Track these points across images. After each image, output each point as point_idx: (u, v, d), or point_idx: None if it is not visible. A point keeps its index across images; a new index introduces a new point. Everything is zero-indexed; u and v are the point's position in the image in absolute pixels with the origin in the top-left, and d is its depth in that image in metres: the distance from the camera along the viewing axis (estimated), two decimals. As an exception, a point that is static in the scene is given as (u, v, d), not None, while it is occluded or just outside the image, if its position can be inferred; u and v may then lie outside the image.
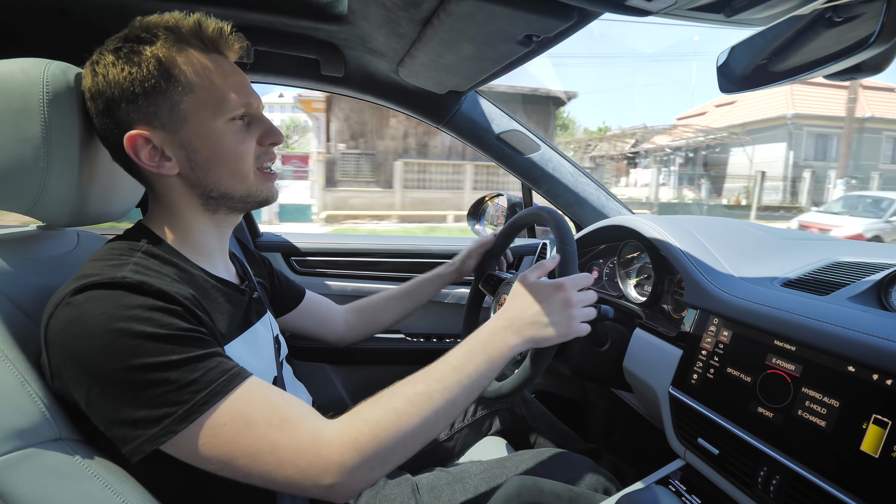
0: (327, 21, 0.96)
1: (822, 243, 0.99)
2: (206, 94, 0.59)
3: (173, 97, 0.58)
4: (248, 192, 0.65)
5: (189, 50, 0.59)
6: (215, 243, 0.69)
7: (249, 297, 0.73)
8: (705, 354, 0.78)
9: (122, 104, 0.58)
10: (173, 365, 0.49)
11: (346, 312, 1.08)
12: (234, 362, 0.54)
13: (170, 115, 0.59)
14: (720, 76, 0.69)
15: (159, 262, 0.59)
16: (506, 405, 1.11)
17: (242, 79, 0.64)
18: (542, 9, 0.69)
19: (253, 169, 0.65)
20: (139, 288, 0.52)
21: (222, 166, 0.62)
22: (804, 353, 0.64)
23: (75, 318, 0.49)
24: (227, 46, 0.63)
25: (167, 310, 0.52)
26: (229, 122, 0.61)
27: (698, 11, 0.61)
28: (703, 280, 0.84)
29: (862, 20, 0.51)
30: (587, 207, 1.41)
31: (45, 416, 0.51)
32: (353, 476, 0.52)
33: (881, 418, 0.53)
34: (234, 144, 0.62)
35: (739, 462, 0.68)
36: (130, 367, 0.48)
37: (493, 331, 0.68)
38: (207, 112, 0.60)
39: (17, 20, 0.93)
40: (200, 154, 0.61)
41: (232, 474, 0.51)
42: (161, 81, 0.57)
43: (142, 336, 0.49)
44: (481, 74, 1.02)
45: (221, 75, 0.61)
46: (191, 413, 0.49)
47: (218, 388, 0.51)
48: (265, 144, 0.66)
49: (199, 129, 0.60)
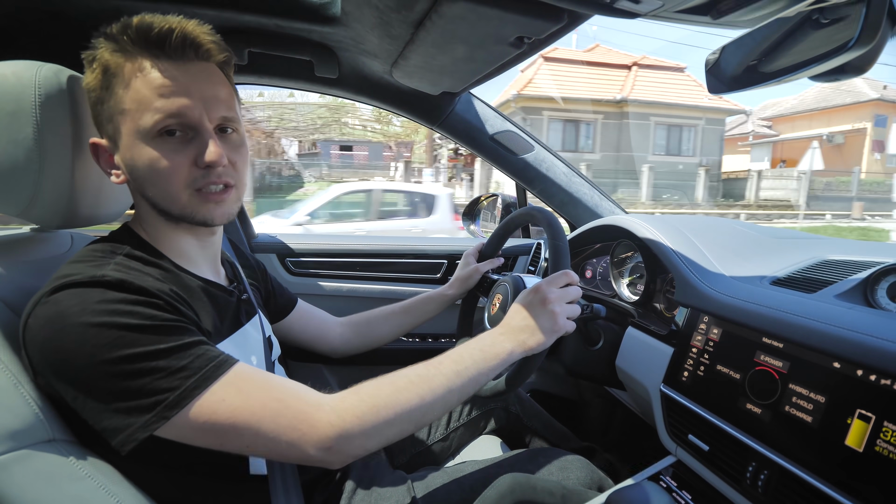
0: (321, 23, 0.96)
1: (810, 242, 1.00)
2: (134, 108, 0.56)
3: (111, 109, 0.57)
4: (182, 213, 0.60)
5: (132, 57, 0.55)
6: (196, 250, 0.67)
7: (238, 298, 0.72)
8: (696, 352, 0.79)
9: (91, 110, 0.60)
10: (160, 353, 0.50)
11: (342, 326, 1.05)
12: (220, 350, 0.55)
13: (110, 127, 0.58)
14: (710, 77, 0.70)
15: (141, 264, 0.58)
16: (501, 404, 1.12)
17: (192, 87, 0.57)
18: (533, 11, 0.70)
19: (185, 190, 0.59)
20: (120, 285, 0.51)
21: (152, 184, 0.59)
22: (791, 349, 0.65)
23: (54, 316, 0.49)
24: (176, 49, 0.56)
25: (149, 303, 0.52)
26: (157, 136, 0.56)
27: (685, 14, 0.62)
28: (694, 279, 0.85)
29: (846, 22, 0.52)
30: (581, 207, 1.42)
31: (38, 418, 0.51)
32: (350, 442, 0.54)
33: (865, 413, 0.54)
34: (157, 162, 0.57)
35: (729, 458, 0.69)
36: (116, 358, 0.48)
37: (492, 336, 0.71)
38: (134, 126, 0.56)
39: (11, 23, 0.93)
40: (135, 168, 0.58)
41: (234, 448, 0.53)
42: (103, 92, 0.57)
43: (125, 327, 0.49)
44: (474, 76, 1.03)
45: (150, 85, 0.55)
46: (182, 398, 0.49)
47: (208, 372, 0.51)
48: (201, 166, 0.59)
49: (129, 143, 0.57)
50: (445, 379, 0.62)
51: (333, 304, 1.40)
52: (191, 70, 0.58)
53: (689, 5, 0.60)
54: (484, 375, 0.67)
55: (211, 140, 0.59)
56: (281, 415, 0.53)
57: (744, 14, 0.61)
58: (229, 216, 0.64)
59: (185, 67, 0.57)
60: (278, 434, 0.52)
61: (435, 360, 0.65)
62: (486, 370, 0.67)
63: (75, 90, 0.63)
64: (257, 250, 1.43)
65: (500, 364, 0.68)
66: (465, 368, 0.65)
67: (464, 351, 0.68)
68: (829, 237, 1.06)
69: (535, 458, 0.88)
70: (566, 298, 0.74)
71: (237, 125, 0.63)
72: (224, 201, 0.62)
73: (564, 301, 0.73)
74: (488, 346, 0.69)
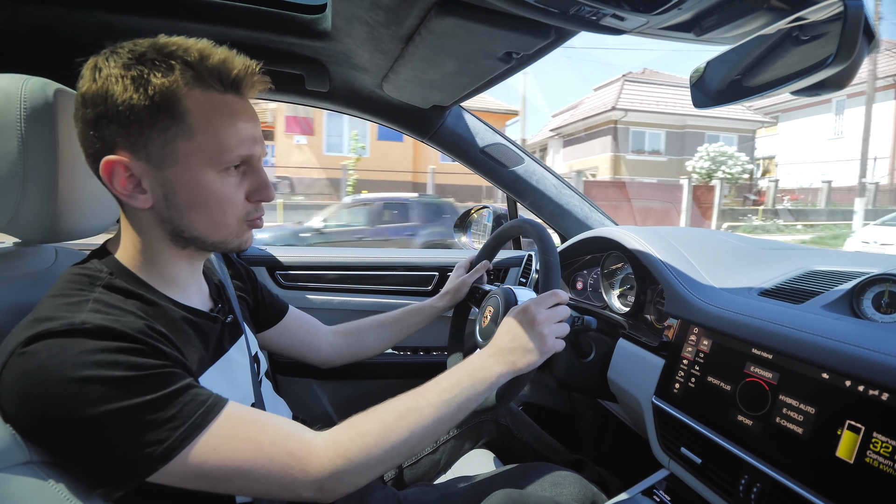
0: (311, 38, 0.97)
1: (796, 253, 1.01)
2: (207, 141, 0.56)
3: (169, 135, 0.54)
4: (224, 239, 0.61)
5: (205, 90, 0.55)
6: (185, 274, 0.65)
7: (222, 322, 0.70)
8: (686, 364, 0.79)
9: (113, 124, 0.53)
10: (147, 406, 0.48)
11: (332, 335, 1.04)
12: (209, 392, 0.53)
13: (160, 152, 0.55)
14: (695, 91, 0.71)
15: (122, 297, 0.55)
16: (491, 417, 1.11)
17: (253, 126, 0.60)
18: (521, 28, 0.71)
19: (237, 221, 0.61)
20: (100, 333, 0.49)
21: (202, 214, 0.58)
22: (781, 361, 0.65)
23: (33, 370, 0.46)
24: (248, 87, 0.59)
25: (132, 349, 0.49)
26: (224, 170, 0.58)
27: (670, 31, 0.63)
28: (683, 290, 0.86)
29: (825, 40, 0.54)
30: (571, 219, 1.43)
31: (15, 439, 0.50)
32: (342, 481, 0.55)
33: (855, 424, 0.54)
34: (220, 196, 0.58)
35: (721, 471, 0.68)
36: (103, 413, 0.46)
37: (482, 359, 0.71)
38: (203, 158, 0.56)
39: (1, 37, 0.92)
40: (181, 197, 0.57)
41: (224, 491, 0.52)
42: (160, 116, 0.54)
43: (110, 382, 0.47)
44: (464, 90, 1.04)
45: (230, 123, 0.57)
46: (172, 450, 0.48)
47: (197, 420, 0.50)
48: (253, 200, 0.62)
49: (188, 174, 0.56)
50: (435, 409, 0.62)
51: (323, 318, 1.38)
52: (249, 109, 0.60)
53: (673, 23, 0.61)
54: (473, 401, 0.67)
55: (267, 178, 0.62)
56: (272, 460, 0.53)
57: (726, 31, 0.62)
58: (251, 241, 0.67)
59: (247, 105, 0.60)
60: (270, 479, 0.52)
61: (424, 389, 0.65)
62: (476, 395, 0.67)
63: (62, 104, 0.62)
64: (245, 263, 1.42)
65: (489, 388, 0.68)
66: (455, 396, 0.65)
67: (453, 378, 0.67)
68: (814, 247, 1.08)
69: (528, 473, 0.88)
70: (555, 318, 0.74)
71: None
72: (257, 227, 0.66)
73: (553, 321, 0.74)
74: (478, 370, 0.69)
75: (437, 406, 0.63)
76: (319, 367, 1.04)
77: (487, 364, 0.70)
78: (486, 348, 0.74)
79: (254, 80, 0.59)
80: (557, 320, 0.74)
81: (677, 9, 0.56)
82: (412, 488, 0.88)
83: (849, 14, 0.46)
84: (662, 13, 0.57)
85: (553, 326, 0.73)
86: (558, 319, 0.74)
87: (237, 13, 0.93)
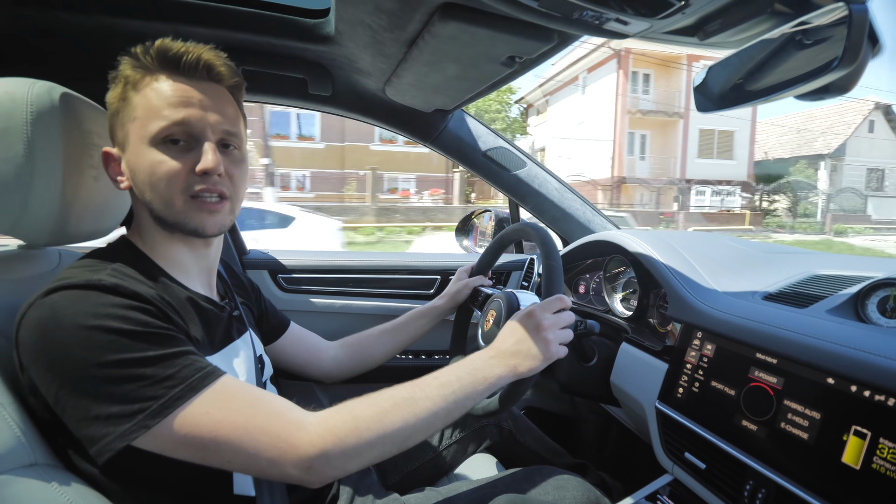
0: (314, 42, 0.97)
1: (800, 257, 1.01)
2: (144, 115, 0.60)
3: (124, 119, 0.61)
4: (176, 219, 0.62)
5: (156, 74, 0.60)
6: (190, 262, 0.68)
7: (229, 314, 0.73)
8: (690, 368, 0.79)
9: (110, 118, 0.63)
10: (148, 361, 0.50)
11: (334, 349, 1.04)
12: (207, 361, 0.55)
13: (121, 136, 0.62)
14: (698, 95, 0.71)
15: (136, 272, 0.60)
16: (493, 421, 1.11)
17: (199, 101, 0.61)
18: (524, 32, 0.71)
19: (181, 195, 0.61)
20: (114, 290, 0.52)
21: (153, 190, 0.61)
22: (785, 365, 0.65)
23: (48, 317, 0.50)
24: (195, 70, 0.61)
25: (142, 308, 0.53)
26: (161, 143, 0.60)
27: (673, 35, 0.63)
28: (687, 294, 0.86)
29: (829, 43, 0.54)
30: (573, 223, 1.42)
31: (20, 441, 0.50)
32: (330, 462, 0.54)
33: (861, 430, 0.54)
34: (155, 166, 0.60)
35: (726, 476, 0.68)
36: (105, 362, 0.48)
37: (483, 359, 0.71)
38: (140, 131, 0.60)
39: (5, 41, 0.93)
40: (138, 176, 0.61)
41: (213, 462, 0.52)
42: (120, 103, 0.61)
43: (117, 332, 0.50)
44: (466, 93, 1.04)
45: (162, 96, 0.59)
46: (165, 408, 0.49)
47: (193, 383, 0.51)
48: (197, 173, 0.61)
49: (136, 151, 0.61)
50: (431, 403, 0.62)
51: (326, 321, 1.39)
52: (201, 87, 0.62)
53: (676, 27, 0.61)
54: (471, 399, 0.66)
55: (210, 149, 0.61)
56: (263, 432, 0.53)
57: (730, 35, 0.62)
58: (221, 227, 0.65)
59: (196, 84, 0.62)
60: (258, 451, 0.52)
61: (422, 381, 0.64)
62: (474, 394, 0.66)
63: (67, 107, 0.62)
64: (249, 267, 1.42)
65: (488, 388, 0.68)
66: (452, 392, 0.64)
67: (452, 374, 0.67)
68: (818, 251, 1.08)
69: (531, 477, 0.87)
70: (560, 324, 0.74)
71: (240, 143, 0.67)
72: (218, 212, 0.64)
73: (558, 327, 0.73)
74: (478, 369, 0.69)
75: (434, 399, 0.62)
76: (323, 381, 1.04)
77: (489, 365, 0.70)
78: (487, 349, 0.73)
79: (196, 60, 0.61)
80: (562, 326, 0.74)
81: (681, 13, 0.56)
82: (415, 492, 0.88)
83: (854, 18, 0.46)
84: (666, 17, 0.57)
85: (557, 332, 0.73)
86: (563, 325, 0.74)
87: (240, 17, 0.94)
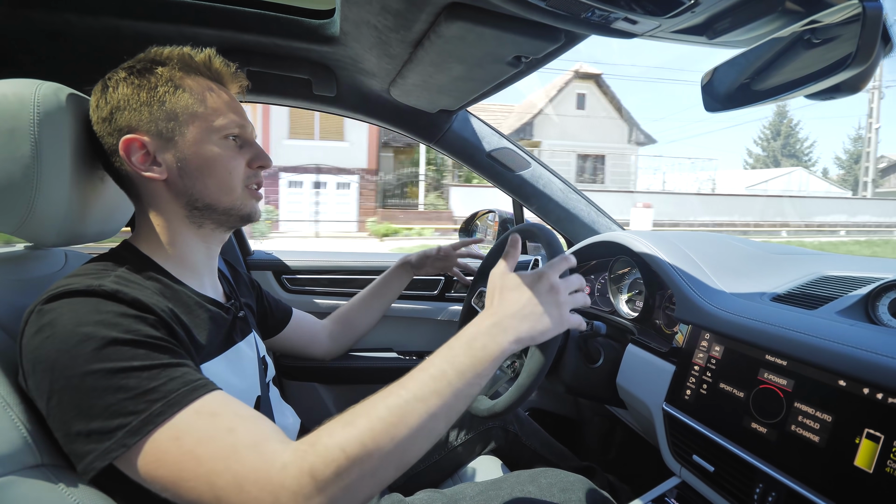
0: (319, 42, 0.97)
1: (809, 257, 1.00)
2: (206, 111, 0.65)
3: (176, 109, 0.63)
4: (233, 204, 0.68)
5: (197, 76, 0.66)
6: (202, 259, 0.70)
7: (234, 315, 0.73)
8: (698, 370, 0.78)
9: (126, 111, 0.62)
10: (133, 370, 0.48)
11: (328, 325, 1.12)
12: (201, 375, 0.52)
13: (168, 125, 0.63)
14: (705, 95, 0.71)
15: (142, 278, 0.59)
16: (499, 423, 1.10)
17: (240, 108, 0.70)
18: (531, 31, 0.71)
19: (241, 185, 0.68)
20: (114, 296, 0.52)
21: (211, 176, 0.65)
22: (795, 367, 0.64)
23: (46, 323, 0.50)
24: (231, 80, 0.70)
25: (138, 317, 0.52)
26: (223, 139, 0.66)
27: (682, 34, 0.63)
28: (694, 295, 0.85)
29: (838, 42, 0.53)
30: (578, 223, 1.42)
31: (26, 442, 0.50)
32: None
33: (873, 433, 0.53)
34: (225, 159, 0.66)
35: (735, 479, 0.67)
36: (89, 371, 0.47)
37: (480, 330, 0.57)
38: (205, 126, 0.65)
39: (13, 43, 0.93)
40: (191, 162, 0.64)
41: (180, 498, 0.47)
42: (167, 94, 0.63)
43: (105, 340, 0.48)
44: (471, 94, 1.03)
45: (222, 100, 0.67)
46: (145, 424, 0.46)
47: (177, 398, 0.47)
48: (253, 167, 0.70)
49: (195, 140, 0.64)
50: (424, 404, 0.51)
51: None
52: (233, 96, 0.71)
53: (685, 26, 0.60)
54: (473, 385, 0.54)
55: (260, 148, 0.71)
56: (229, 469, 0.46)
57: (739, 34, 0.62)
58: (261, 214, 0.73)
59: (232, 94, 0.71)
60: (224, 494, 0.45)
61: (408, 378, 0.53)
62: (476, 378, 0.54)
63: (75, 108, 0.62)
64: (253, 267, 1.42)
65: (492, 365, 0.55)
66: (448, 384, 0.52)
67: (444, 359, 0.55)
68: (826, 252, 1.07)
69: (537, 479, 0.87)
70: (572, 286, 0.64)
71: None
72: (260, 199, 0.73)
73: (570, 290, 0.63)
74: (476, 343, 0.56)
75: (426, 399, 0.51)
76: (326, 367, 1.06)
77: (490, 334, 0.57)
78: (483, 315, 0.60)
79: (232, 74, 0.70)
80: (573, 290, 0.64)
81: (690, 12, 0.56)
82: (419, 494, 0.87)
83: (868, 15, 0.45)
84: (675, 16, 0.57)
85: (572, 296, 0.63)
86: (574, 288, 0.64)
87: (246, 18, 0.94)
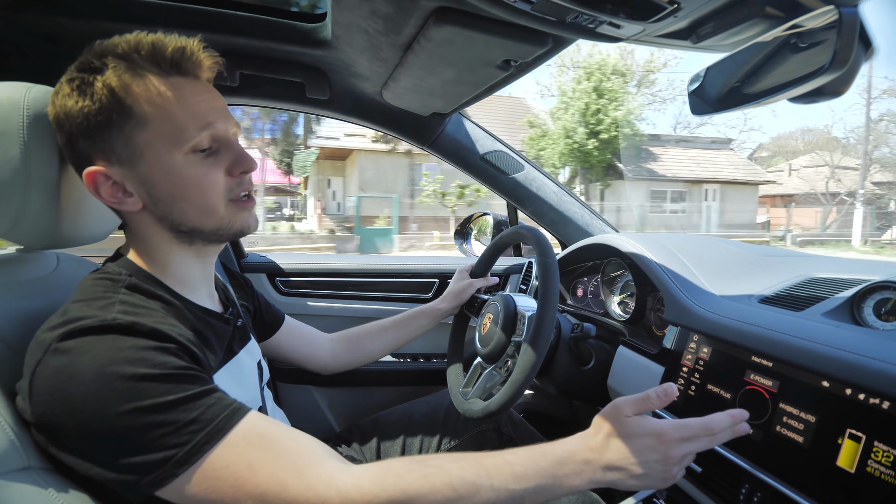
0: (312, 46, 0.98)
1: (797, 259, 1.01)
2: (162, 125, 0.55)
3: (127, 131, 0.54)
4: (219, 225, 0.60)
5: (146, 76, 0.54)
6: (198, 273, 0.65)
7: (233, 325, 0.70)
8: (686, 371, 0.79)
9: (80, 139, 0.55)
10: (170, 406, 0.47)
11: (332, 342, 1.04)
12: (232, 399, 0.52)
13: (125, 150, 0.55)
14: (694, 98, 0.71)
15: (144, 297, 0.56)
16: (492, 425, 1.10)
17: (209, 103, 0.58)
18: (518, 35, 0.72)
19: (223, 201, 0.59)
20: (131, 329, 0.49)
21: (186, 201, 0.57)
22: (781, 368, 0.64)
23: (66, 365, 0.47)
24: (192, 67, 0.57)
25: (160, 348, 0.50)
26: (189, 154, 0.56)
27: (666, 38, 0.63)
28: (683, 297, 0.86)
29: (822, 47, 0.54)
30: (571, 226, 1.42)
31: (13, 444, 0.49)
32: None
33: (855, 433, 0.54)
34: (195, 178, 0.57)
35: (722, 480, 0.68)
36: (125, 411, 0.46)
37: (573, 459, 0.56)
38: (164, 145, 0.55)
39: (6, 47, 0.93)
40: (161, 189, 0.56)
41: None
42: (113, 114, 0.53)
43: (135, 378, 0.47)
44: (463, 97, 1.04)
45: (180, 102, 0.55)
46: (192, 454, 0.47)
47: (219, 424, 0.48)
48: (235, 174, 0.60)
49: (157, 164, 0.55)
50: (494, 495, 0.52)
51: (324, 325, 1.38)
52: (202, 86, 0.58)
53: (669, 30, 0.61)
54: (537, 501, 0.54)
55: (241, 149, 0.60)
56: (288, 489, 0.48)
57: (723, 39, 0.62)
58: (257, 223, 0.64)
59: (198, 84, 0.58)
60: None
61: (492, 465, 0.53)
62: (548, 496, 0.54)
63: None
64: (247, 270, 1.42)
65: (568, 492, 0.55)
66: (524, 490, 0.53)
67: (531, 467, 0.54)
68: (815, 254, 1.07)
69: None
70: (691, 457, 0.56)
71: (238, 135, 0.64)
72: (252, 208, 0.63)
73: (691, 458, 0.57)
74: (564, 474, 0.55)
75: (497, 491, 0.52)
76: (320, 374, 1.04)
77: (580, 469, 0.55)
78: (586, 442, 0.57)
79: (194, 58, 0.57)
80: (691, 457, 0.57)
81: (673, 17, 0.56)
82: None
83: (844, 21, 0.46)
84: (658, 21, 0.58)
85: (684, 462, 0.56)
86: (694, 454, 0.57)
87: (238, 22, 0.94)
